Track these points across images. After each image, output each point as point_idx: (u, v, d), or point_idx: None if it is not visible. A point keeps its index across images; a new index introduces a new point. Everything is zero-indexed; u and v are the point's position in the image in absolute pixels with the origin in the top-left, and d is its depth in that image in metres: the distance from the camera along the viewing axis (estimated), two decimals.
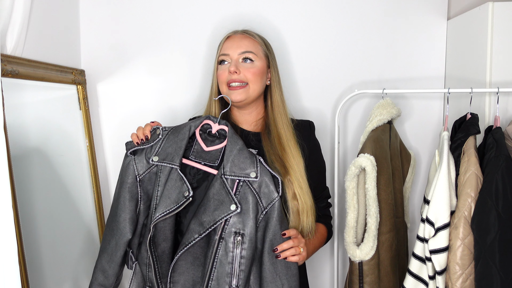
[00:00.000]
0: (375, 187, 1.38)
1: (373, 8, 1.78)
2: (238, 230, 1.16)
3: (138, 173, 1.24)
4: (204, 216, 1.16)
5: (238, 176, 1.18)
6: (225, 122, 1.27)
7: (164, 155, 1.22)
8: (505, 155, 1.22)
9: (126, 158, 1.26)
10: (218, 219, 1.15)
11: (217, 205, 1.16)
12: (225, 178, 1.18)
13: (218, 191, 1.17)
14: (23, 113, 1.35)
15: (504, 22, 1.47)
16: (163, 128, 1.27)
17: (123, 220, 1.22)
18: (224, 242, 1.16)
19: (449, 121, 1.49)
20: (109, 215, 1.28)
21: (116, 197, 1.25)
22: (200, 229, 1.16)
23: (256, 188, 1.19)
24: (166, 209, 1.16)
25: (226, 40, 1.38)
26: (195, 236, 1.16)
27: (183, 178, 1.18)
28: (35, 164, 1.38)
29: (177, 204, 1.16)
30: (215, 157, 1.25)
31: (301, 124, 1.43)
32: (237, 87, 1.33)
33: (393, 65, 1.80)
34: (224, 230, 1.16)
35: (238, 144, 1.22)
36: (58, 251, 1.44)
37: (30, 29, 1.35)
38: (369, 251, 1.37)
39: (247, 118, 1.41)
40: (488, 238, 1.19)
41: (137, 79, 1.77)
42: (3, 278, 0.97)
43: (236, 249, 1.15)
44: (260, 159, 1.22)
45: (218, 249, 1.16)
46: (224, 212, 1.15)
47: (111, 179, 1.80)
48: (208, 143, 1.27)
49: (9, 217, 0.99)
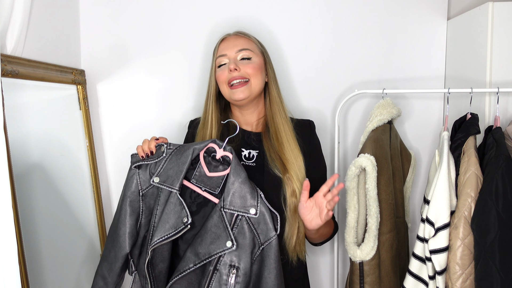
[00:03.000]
0: (375, 187, 1.38)
1: (373, 8, 1.78)
2: (234, 263, 1.16)
3: (141, 187, 1.24)
4: (200, 247, 1.16)
5: (238, 211, 1.17)
6: (230, 149, 1.25)
7: (165, 177, 1.21)
8: (505, 155, 1.22)
9: (130, 171, 1.26)
10: (214, 253, 1.15)
11: (214, 239, 1.16)
12: (224, 212, 1.17)
13: (216, 224, 1.17)
14: (23, 113, 1.35)
15: (504, 22, 1.47)
16: (168, 145, 1.25)
17: (123, 234, 1.24)
18: (218, 273, 1.16)
19: (449, 121, 1.49)
20: (111, 224, 1.29)
21: (119, 209, 1.26)
22: (196, 259, 1.16)
23: (254, 223, 1.18)
24: (164, 234, 1.16)
25: (222, 42, 1.40)
26: (190, 265, 1.16)
27: (182, 203, 1.18)
28: (35, 164, 1.38)
29: (175, 229, 1.16)
30: (216, 184, 1.25)
31: (301, 124, 1.43)
32: (239, 85, 1.32)
33: (393, 65, 1.80)
34: (219, 262, 1.16)
35: (241, 177, 1.20)
36: (57, 251, 1.44)
37: (30, 29, 1.35)
38: (369, 251, 1.37)
39: (249, 118, 1.41)
40: (488, 238, 1.19)
41: (137, 79, 1.77)
42: (3, 278, 0.97)
43: (230, 281, 1.15)
44: (261, 194, 1.20)
45: (212, 280, 1.16)
46: (220, 248, 1.15)
47: (111, 179, 1.80)
48: (211, 168, 1.25)
49: (9, 217, 0.99)
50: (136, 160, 1.25)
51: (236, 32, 1.43)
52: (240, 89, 1.32)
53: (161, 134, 1.77)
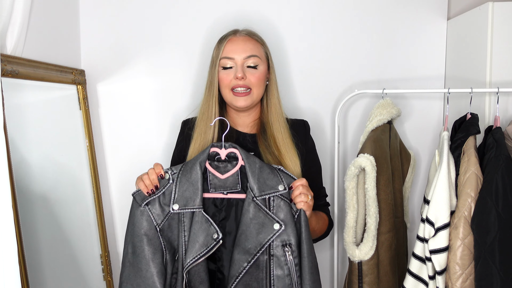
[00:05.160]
0: (374, 187, 1.38)
1: (373, 8, 1.78)
2: (285, 242, 1.16)
3: (157, 223, 1.18)
4: (248, 243, 1.15)
5: (269, 194, 1.18)
6: (230, 144, 1.23)
7: (184, 201, 1.18)
8: (505, 155, 1.22)
9: (137, 210, 1.18)
10: (264, 241, 1.14)
11: (259, 229, 1.15)
12: (258, 200, 1.17)
13: (256, 215, 1.16)
14: (23, 113, 1.35)
15: (504, 22, 1.47)
16: (171, 170, 1.21)
17: (151, 275, 1.15)
18: (275, 258, 1.16)
19: (449, 121, 1.49)
20: (128, 271, 1.18)
21: (133, 250, 1.17)
22: (247, 256, 1.15)
23: (285, 194, 1.19)
24: (196, 253, 1.13)
25: (229, 42, 1.35)
26: (244, 265, 1.14)
27: (209, 220, 1.16)
28: (35, 164, 1.38)
29: (207, 247, 1.13)
30: (234, 182, 1.23)
31: (296, 124, 1.44)
32: (242, 93, 1.32)
33: (393, 65, 1.80)
34: (272, 248, 1.16)
35: (256, 163, 1.20)
36: (57, 251, 1.44)
37: (30, 29, 1.35)
38: (368, 251, 1.37)
39: (245, 120, 1.42)
40: (488, 238, 1.20)
41: (137, 79, 1.77)
42: (3, 278, 0.97)
43: (290, 260, 1.16)
44: (280, 168, 1.21)
45: (271, 267, 1.16)
46: (269, 234, 1.14)
47: (111, 179, 1.80)
48: (221, 170, 1.24)
49: (9, 217, 0.99)
50: (142, 198, 1.18)
51: (245, 32, 1.38)
52: (243, 98, 1.33)
53: (161, 134, 1.78)
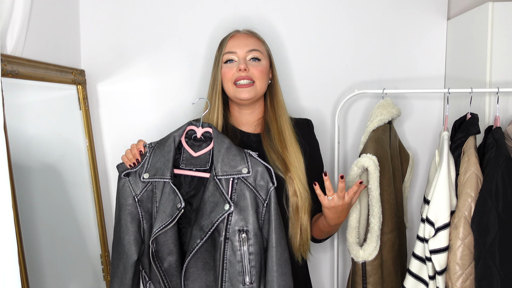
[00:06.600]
0: (378, 187, 1.38)
1: (373, 8, 1.78)
2: (241, 228, 1.16)
3: (135, 193, 1.24)
4: (203, 220, 1.17)
5: (231, 174, 1.18)
6: (208, 124, 1.27)
7: (154, 170, 1.22)
8: (505, 155, 1.22)
9: (120, 180, 1.26)
10: (215, 220, 1.15)
11: (213, 207, 1.17)
12: (218, 179, 1.18)
13: (213, 193, 1.18)
14: (23, 113, 1.35)
15: (504, 22, 1.47)
16: (148, 144, 1.27)
17: (127, 242, 1.24)
18: (229, 242, 1.16)
19: (449, 121, 1.49)
20: (113, 240, 1.30)
21: (117, 220, 1.27)
22: (201, 233, 1.17)
23: (251, 182, 1.19)
24: (162, 223, 1.17)
25: (231, 38, 1.38)
26: (197, 241, 1.17)
27: (175, 190, 1.19)
28: (35, 164, 1.38)
29: (171, 217, 1.17)
30: (205, 160, 1.25)
31: (299, 123, 1.44)
32: (246, 85, 1.33)
33: (393, 65, 1.80)
34: (227, 230, 1.16)
35: (225, 143, 1.22)
36: (57, 251, 1.44)
37: (30, 29, 1.35)
38: (372, 251, 1.37)
39: (248, 118, 1.41)
40: (488, 238, 1.19)
41: (137, 79, 1.77)
42: (3, 278, 0.97)
43: (243, 247, 1.16)
44: (249, 152, 1.22)
45: (225, 250, 1.16)
46: (219, 213, 1.15)
47: (111, 179, 1.80)
48: (196, 149, 1.27)
49: (9, 217, 0.99)
50: (123, 169, 1.26)
51: (246, 31, 1.41)
52: (246, 89, 1.33)
53: (161, 135, 1.77)
